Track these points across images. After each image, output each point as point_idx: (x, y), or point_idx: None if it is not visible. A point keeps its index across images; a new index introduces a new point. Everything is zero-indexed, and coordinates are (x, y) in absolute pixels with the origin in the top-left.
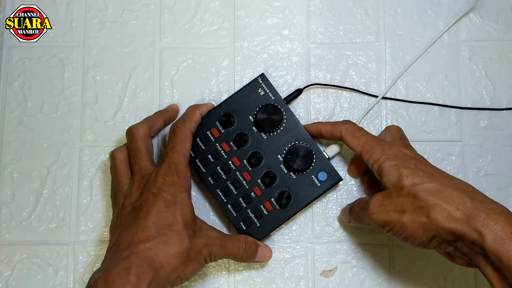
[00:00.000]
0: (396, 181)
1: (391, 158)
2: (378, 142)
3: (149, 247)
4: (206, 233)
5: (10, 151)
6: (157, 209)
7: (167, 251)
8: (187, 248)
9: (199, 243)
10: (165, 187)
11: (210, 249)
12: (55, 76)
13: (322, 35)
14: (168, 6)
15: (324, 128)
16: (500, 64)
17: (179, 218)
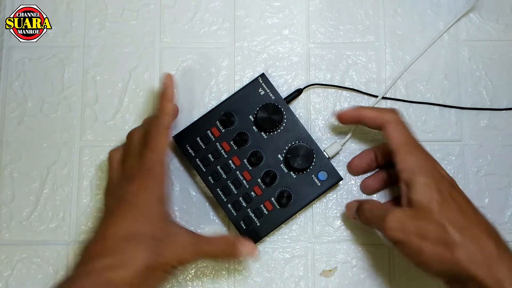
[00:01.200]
0: (426, 202)
1: (425, 174)
2: (417, 147)
3: (108, 264)
4: (177, 240)
5: (10, 151)
6: (121, 218)
7: (128, 269)
8: (153, 263)
9: (167, 255)
10: (133, 192)
11: (181, 258)
12: (55, 76)
13: (322, 35)
14: (168, 6)
15: (368, 113)
16: (500, 64)
17: (145, 228)
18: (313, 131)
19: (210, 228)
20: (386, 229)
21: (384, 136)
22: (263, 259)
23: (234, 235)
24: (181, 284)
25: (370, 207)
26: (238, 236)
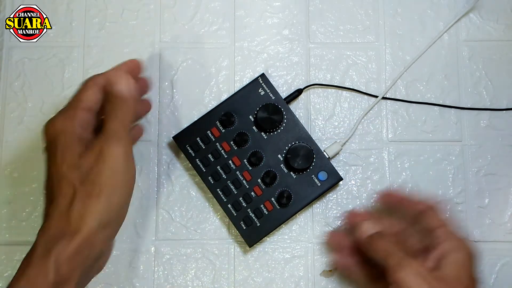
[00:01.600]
0: (455, 277)
1: (462, 260)
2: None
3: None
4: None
5: (10, 151)
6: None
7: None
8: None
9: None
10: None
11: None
12: (55, 76)
13: (322, 35)
14: (168, 6)
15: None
16: (500, 64)
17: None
18: (313, 131)
19: (210, 228)
20: (397, 276)
21: (425, 218)
22: (263, 259)
23: None
24: (181, 284)
25: (386, 246)
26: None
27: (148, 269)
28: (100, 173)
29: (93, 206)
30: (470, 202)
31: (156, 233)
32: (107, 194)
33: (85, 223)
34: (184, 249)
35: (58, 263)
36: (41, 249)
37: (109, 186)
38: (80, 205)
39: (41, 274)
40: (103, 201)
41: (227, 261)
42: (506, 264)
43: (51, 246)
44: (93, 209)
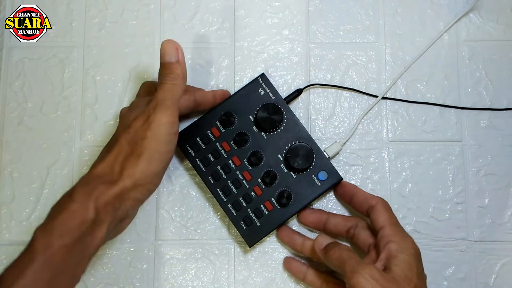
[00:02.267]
0: (403, 278)
1: (411, 256)
2: (405, 232)
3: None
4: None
5: (10, 151)
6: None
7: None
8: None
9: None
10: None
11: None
12: (55, 76)
13: (322, 35)
14: (168, 6)
15: (360, 192)
16: (500, 64)
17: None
18: (313, 131)
19: (210, 228)
20: (354, 281)
21: (371, 214)
22: (263, 259)
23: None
24: (181, 284)
25: (340, 255)
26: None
27: (148, 269)
28: (144, 137)
29: (132, 164)
30: (470, 202)
31: (156, 233)
32: (147, 158)
33: (123, 177)
34: (184, 249)
35: (96, 203)
36: (83, 189)
37: (149, 151)
38: (122, 160)
39: (83, 209)
40: (142, 163)
41: (227, 261)
42: (506, 264)
43: (93, 188)
44: (132, 167)
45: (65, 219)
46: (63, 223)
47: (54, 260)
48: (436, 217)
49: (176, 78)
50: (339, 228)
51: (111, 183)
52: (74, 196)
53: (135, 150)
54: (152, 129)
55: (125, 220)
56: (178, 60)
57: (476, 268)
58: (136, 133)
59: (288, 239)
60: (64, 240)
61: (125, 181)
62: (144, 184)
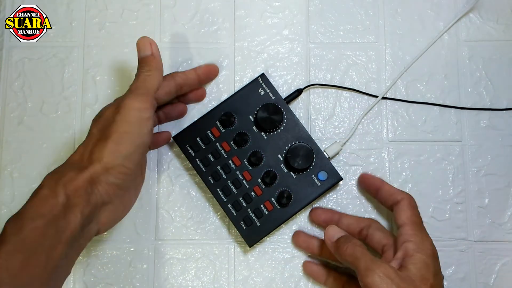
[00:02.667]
0: (419, 277)
1: (429, 257)
2: (426, 233)
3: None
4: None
5: (10, 151)
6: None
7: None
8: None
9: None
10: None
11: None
12: (55, 76)
13: (322, 35)
14: (168, 6)
15: (387, 187)
16: (500, 64)
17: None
18: (313, 131)
19: (210, 228)
20: (368, 280)
21: (395, 210)
22: (263, 259)
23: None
24: (181, 284)
25: (353, 251)
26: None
27: (148, 269)
28: (113, 122)
29: (101, 148)
30: (470, 202)
31: (156, 233)
32: (115, 140)
33: (92, 162)
34: (184, 249)
35: (66, 188)
36: (52, 176)
37: (117, 133)
38: (92, 146)
39: (52, 194)
40: (109, 145)
41: (227, 261)
42: (506, 264)
43: (62, 175)
44: (100, 151)
45: (36, 204)
46: (33, 207)
47: (26, 242)
48: (436, 217)
49: (150, 70)
50: (352, 228)
51: (80, 169)
52: (43, 183)
53: (103, 134)
54: (122, 113)
55: (107, 207)
56: (152, 53)
57: (476, 268)
58: (106, 120)
59: (306, 244)
60: (36, 222)
61: (95, 165)
62: (115, 166)
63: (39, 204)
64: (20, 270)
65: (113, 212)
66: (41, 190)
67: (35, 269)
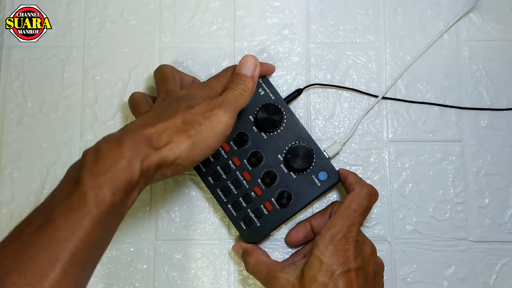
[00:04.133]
0: (308, 280)
1: (327, 249)
2: (354, 217)
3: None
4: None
5: (10, 151)
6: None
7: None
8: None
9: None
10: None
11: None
12: (55, 76)
13: (322, 35)
14: (168, 6)
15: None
16: (500, 64)
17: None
18: (313, 131)
19: (210, 228)
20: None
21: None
22: None
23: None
24: (181, 284)
25: (256, 263)
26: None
27: (148, 269)
28: (202, 124)
29: (180, 142)
30: (470, 202)
31: (156, 233)
32: (194, 142)
33: (167, 149)
34: (184, 249)
35: (142, 165)
36: (133, 146)
37: (200, 137)
38: (172, 133)
39: (131, 168)
40: (188, 144)
41: (227, 261)
42: (506, 264)
43: (141, 148)
44: (178, 144)
45: (116, 174)
46: (114, 177)
47: (105, 218)
48: (436, 217)
49: (246, 90)
50: (323, 224)
51: (156, 149)
52: (123, 149)
53: (187, 130)
54: (212, 121)
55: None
56: (253, 76)
57: (476, 268)
58: (195, 116)
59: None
60: (115, 197)
61: (168, 153)
62: (180, 164)
63: (119, 175)
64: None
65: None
66: (121, 159)
67: (103, 249)
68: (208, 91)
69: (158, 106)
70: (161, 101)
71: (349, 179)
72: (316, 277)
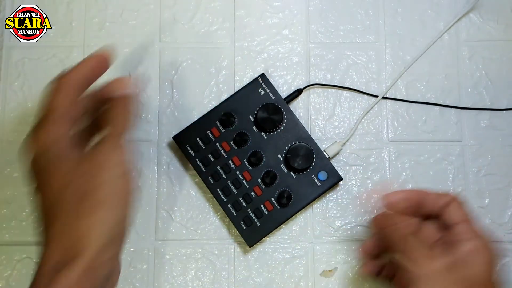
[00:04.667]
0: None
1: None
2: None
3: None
4: None
5: (10, 151)
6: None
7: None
8: None
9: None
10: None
11: None
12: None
13: (322, 35)
14: (168, 6)
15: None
16: (500, 64)
17: None
18: (313, 131)
19: (210, 228)
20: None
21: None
22: (263, 259)
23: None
24: (181, 284)
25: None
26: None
27: (148, 269)
28: (98, 186)
29: (92, 223)
30: (470, 202)
31: (156, 233)
32: (107, 208)
33: (86, 245)
34: (184, 249)
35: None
36: (43, 282)
37: (108, 199)
38: (78, 225)
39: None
40: (103, 217)
41: (227, 261)
42: (506, 264)
43: (53, 277)
44: (93, 227)
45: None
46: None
47: None
48: None
49: (128, 117)
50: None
51: (73, 259)
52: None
53: (90, 205)
54: (108, 173)
55: (112, 277)
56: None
57: None
58: (85, 185)
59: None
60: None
61: (91, 248)
62: (115, 237)
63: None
64: None
65: (116, 276)
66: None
67: None
68: (69, 146)
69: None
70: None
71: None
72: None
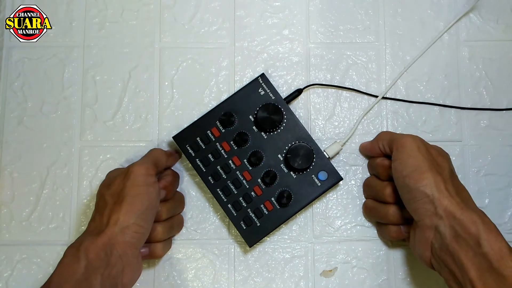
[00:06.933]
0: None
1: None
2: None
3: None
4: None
5: (10, 151)
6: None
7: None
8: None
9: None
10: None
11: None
12: (55, 76)
13: (322, 35)
14: (168, 6)
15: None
16: (500, 64)
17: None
18: (313, 131)
19: (210, 228)
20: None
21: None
22: (263, 259)
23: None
24: (181, 284)
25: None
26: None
27: (148, 269)
28: (124, 187)
29: (116, 211)
30: None
31: None
32: (128, 201)
33: (109, 225)
34: (184, 249)
35: (87, 252)
36: (74, 245)
37: (129, 196)
38: (107, 212)
39: (73, 261)
40: (124, 206)
41: (227, 261)
42: None
43: (82, 241)
44: (116, 213)
45: (60, 272)
46: (58, 275)
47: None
48: None
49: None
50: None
51: (99, 233)
52: (65, 253)
53: (117, 199)
54: (131, 179)
55: (126, 269)
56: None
57: None
58: (117, 187)
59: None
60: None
61: (112, 228)
62: (130, 225)
63: (63, 272)
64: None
65: (132, 271)
66: (64, 259)
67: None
68: (120, 169)
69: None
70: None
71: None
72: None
